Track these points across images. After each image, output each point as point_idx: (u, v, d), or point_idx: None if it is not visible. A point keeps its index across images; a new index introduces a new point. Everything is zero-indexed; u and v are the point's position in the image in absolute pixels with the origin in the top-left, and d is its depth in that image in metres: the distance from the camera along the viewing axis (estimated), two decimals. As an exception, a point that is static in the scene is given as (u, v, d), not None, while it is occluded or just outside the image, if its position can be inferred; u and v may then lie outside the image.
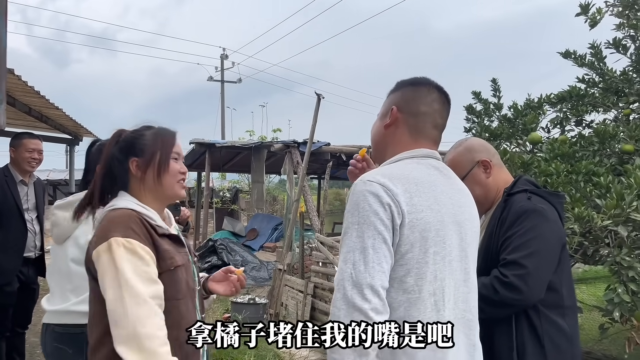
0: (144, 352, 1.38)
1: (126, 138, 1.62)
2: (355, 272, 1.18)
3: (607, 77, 4.14)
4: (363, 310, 1.15)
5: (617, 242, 2.46)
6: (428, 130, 1.43)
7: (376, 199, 1.23)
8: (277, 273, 6.07)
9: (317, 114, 6.31)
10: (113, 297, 1.40)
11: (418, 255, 1.24)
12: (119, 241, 1.42)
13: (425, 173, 1.35)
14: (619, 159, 3.46)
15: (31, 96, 5.20)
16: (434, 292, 1.26)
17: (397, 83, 1.52)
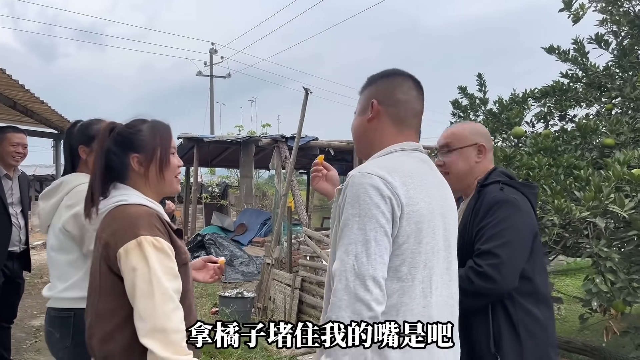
0: (170, 345, 1.47)
1: (122, 132, 1.64)
2: (358, 263, 1.22)
3: (590, 73, 4.20)
4: (365, 301, 1.20)
5: (596, 233, 2.51)
6: (409, 118, 1.47)
7: (377, 191, 1.26)
8: (265, 267, 6.08)
9: (305, 108, 6.31)
10: (143, 293, 1.47)
11: (413, 246, 1.29)
12: (148, 239, 1.49)
13: (416, 166, 1.40)
14: (600, 152, 3.52)
15: (16, 90, 5.16)
16: (422, 279, 1.32)
17: (368, 79, 1.55)
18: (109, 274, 1.54)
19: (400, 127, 1.46)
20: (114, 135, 1.64)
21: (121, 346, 1.52)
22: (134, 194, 1.62)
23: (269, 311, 5.70)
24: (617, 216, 2.46)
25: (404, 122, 1.46)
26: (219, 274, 2.06)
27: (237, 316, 5.07)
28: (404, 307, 1.29)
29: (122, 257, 1.48)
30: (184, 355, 1.50)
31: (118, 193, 1.61)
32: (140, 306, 1.47)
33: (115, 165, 1.62)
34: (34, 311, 6.07)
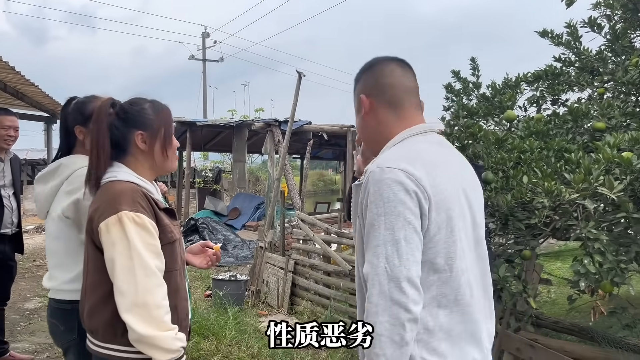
0: (151, 321, 1.48)
1: (127, 109, 1.66)
2: (390, 265, 1.17)
3: (583, 57, 4.21)
4: (402, 304, 1.16)
5: (585, 215, 2.53)
6: (403, 98, 1.42)
7: (401, 186, 1.20)
8: (258, 251, 6.11)
9: (298, 92, 6.30)
10: (123, 268, 1.48)
11: (446, 236, 1.25)
12: (128, 215, 1.49)
13: (434, 150, 1.35)
14: (591, 136, 3.54)
15: (6, 72, 5.10)
16: (465, 268, 1.29)
17: (354, 79, 1.52)
18: (93, 249, 1.56)
19: (398, 111, 1.41)
20: (117, 111, 1.65)
21: (104, 321, 1.54)
22: (124, 171, 1.63)
23: (262, 294, 5.74)
24: (606, 198, 2.49)
25: (398, 104, 1.41)
26: (215, 261, 2.06)
27: (230, 299, 5.10)
28: (444, 299, 1.26)
29: (102, 231, 1.50)
30: (166, 330, 1.51)
31: (110, 170, 1.62)
32: (120, 281, 1.48)
33: (117, 141, 1.64)
34: (27, 294, 6.08)
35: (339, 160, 16.07)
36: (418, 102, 1.45)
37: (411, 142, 1.35)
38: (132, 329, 1.47)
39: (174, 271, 1.65)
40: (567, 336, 3.26)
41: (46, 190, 1.99)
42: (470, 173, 1.45)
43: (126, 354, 1.55)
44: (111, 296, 1.51)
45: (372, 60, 1.49)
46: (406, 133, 1.37)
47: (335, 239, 5.10)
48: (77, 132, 2.04)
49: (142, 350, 1.50)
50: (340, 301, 4.73)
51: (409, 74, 1.45)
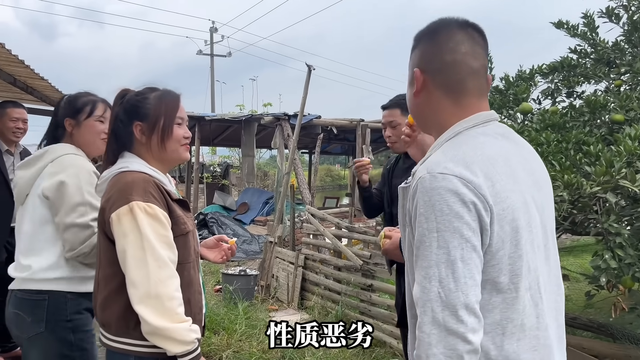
0: (164, 312, 1.44)
1: (130, 100, 1.62)
2: (445, 291, 1.01)
3: (599, 48, 4.12)
4: (459, 334, 1.00)
5: (605, 209, 2.47)
6: (465, 81, 1.17)
7: (457, 197, 1.02)
8: (268, 245, 6.08)
9: (307, 85, 6.25)
10: (135, 259, 1.45)
11: (510, 250, 1.06)
12: (140, 205, 1.46)
13: (496, 146, 1.13)
14: (609, 129, 3.47)
15: (16, 66, 5.08)
16: (529, 286, 1.09)
17: (414, 38, 1.25)
18: (105, 240, 1.53)
19: (457, 97, 1.17)
20: (124, 102, 1.62)
21: (116, 314, 1.52)
22: (136, 161, 1.60)
23: (272, 289, 5.71)
24: (627, 192, 2.42)
25: (457, 88, 1.17)
26: (230, 256, 2.02)
27: (240, 294, 5.08)
28: (511, 324, 1.07)
29: (114, 222, 1.47)
30: (180, 322, 1.48)
31: (122, 161, 1.60)
32: (132, 272, 1.45)
33: (121, 133, 1.61)
34: (37, 288, 6.10)
35: (347, 155, 16.01)
36: (483, 85, 1.20)
37: (468, 136, 1.14)
38: (145, 321, 1.44)
39: (187, 263, 1.61)
40: (584, 332, 3.20)
41: (28, 174, 1.96)
42: (539, 168, 1.24)
43: (140, 348, 1.52)
44: (124, 288, 1.48)
45: (437, 23, 1.22)
46: (462, 125, 1.16)
47: (346, 234, 5.06)
48: (67, 124, 2.03)
49: (155, 343, 1.47)
50: (351, 296, 4.69)
51: (478, 49, 1.19)
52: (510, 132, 1.22)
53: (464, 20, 1.20)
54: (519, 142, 1.22)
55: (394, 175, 2.69)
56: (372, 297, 4.44)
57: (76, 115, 2.03)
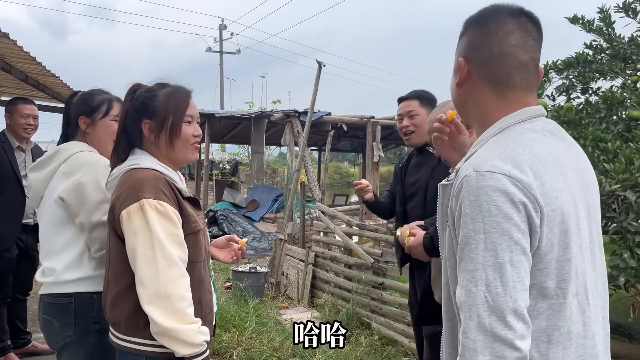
0: (174, 313, 1.41)
1: (140, 96, 1.59)
2: (492, 295, 0.96)
3: (615, 44, 4.05)
4: (507, 341, 0.95)
5: (624, 207, 2.42)
6: (512, 74, 1.11)
7: (506, 197, 0.97)
8: (277, 243, 6.07)
9: (317, 82, 6.21)
10: (144, 258, 1.42)
11: (558, 254, 1.02)
12: (151, 203, 1.43)
13: (545, 143, 1.08)
14: (626, 125, 3.41)
15: (27, 63, 5.10)
16: (577, 291, 1.05)
17: (463, 24, 1.19)
18: (115, 238, 1.51)
19: (502, 90, 1.12)
20: (134, 98, 1.59)
21: (126, 313, 1.49)
22: (147, 158, 1.57)
23: (282, 286, 5.70)
24: (647, 190, 2.37)
25: (504, 82, 1.12)
26: (240, 256, 1.99)
27: (250, 291, 5.07)
28: (557, 332, 1.02)
29: (124, 219, 1.44)
30: (189, 323, 1.45)
31: (132, 158, 1.57)
32: (141, 271, 1.42)
33: (131, 130, 1.58)
34: (49, 284, 6.13)
35: (357, 152, 15.94)
36: (532, 79, 1.14)
37: (515, 132, 1.09)
38: (154, 321, 1.41)
39: (198, 262, 1.59)
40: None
41: (41, 175, 1.92)
42: (588, 167, 1.18)
43: (149, 347, 1.50)
44: (133, 287, 1.46)
45: (488, 9, 1.15)
46: (509, 120, 1.10)
47: (356, 231, 5.02)
48: (81, 122, 1.98)
49: (164, 344, 1.45)
50: (361, 294, 4.66)
51: (529, 41, 1.12)
52: (559, 129, 1.16)
53: (518, 8, 1.13)
54: (567, 140, 1.17)
55: (407, 174, 2.65)
56: (383, 295, 4.41)
57: (92, 114, 1.98)
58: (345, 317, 4.49)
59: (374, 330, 4.29)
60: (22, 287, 3.81)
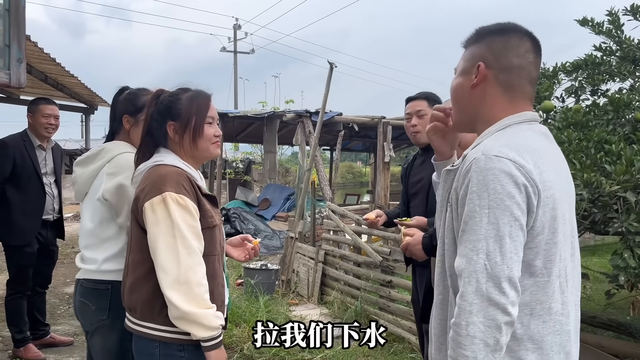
0: (193, 297, 1.52)
1: (164, 100, 1.71)
2: (491, 263, 1.08)
3: (625, 46, 4.07)
4: (501, 305, 1.07)
5: (625, 208, 2.47)
6: (524, 86, 1.27)
7: (510, 178, 1.10)
8: (288, 241, 6.16)
9: (329, 83, 6.28)
10: (166, 247, 1.53)
11: (548, 237, 1.16)
12: (172, 196, 1.55)
13: (540, 142, 1.23)
14: (633, 127, 3.44)
15: (47, 63, 5.25)
16: (559, 273, 1.19)
17: (477, 32, 1.32)
18: (137, 228, 1.62)
19: (513, 96, 1.27)
20: (158, 102, 1.71)
21: (143, 298, 1.59)
22: (171, 156, 1.70)
23: (292, 284, 5.79)
24: (649, 191, 2.41)
25: (516, 90, 1.26)
26: (253, 255, 2.09)
27: (261, 287, 5.17)
28: (539, 307, 1.16)
29: (147, 210, 1.55)
30: (207, 308, 1.55)
31: (157, 155, 1.70)
32: (162, 259, 1.52)
33: (155, 132, 1.70)
34: (67, 279, 6.29)
35: (368, 152, 15.98)
36: (533, 94, 1.32)
37: (517, 129, 1.23)
38: (174, 305, 1.50)
39: (213, 256, 1.69)
40: (604, 331, 3.19)
41: (87, 172, 2.02)
42: (568, 171, 1.33)
43: (163, 333, 1.59)
44: (151, 274, 1.56)
45: (509, 25, 1.30)
46: (511, 119, 1.25)
47: (365, 230, 5.10)
48: (125, 121, 2.07)
49: (182, 327, 1.54)
50: (370, 292, 4.74)
51: (538, 61, 1.31)
52: (549, 134, 1.31)
53: (530, 31, 1.30)
54: (555, 144, 1.32)
55: (411, 173, 2.73)
56: (391, 293, 4.48)
57: (135, 114, 2.05)
58: (353, 314, 4.57)
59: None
60: (41, 280, 3.94)
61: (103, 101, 7.78)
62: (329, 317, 4.76)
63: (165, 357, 1.60)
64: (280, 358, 3.77)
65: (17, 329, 3.74)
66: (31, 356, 3.71)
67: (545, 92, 3.96)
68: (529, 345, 1.16)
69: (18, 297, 3.74)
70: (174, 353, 1.60)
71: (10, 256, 3.74)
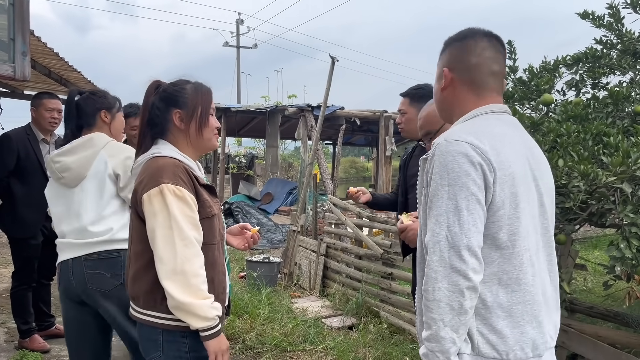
0: (189, 288, 1.55)
1: (168, 89, 1.76)
2: (451, 234, 1.20)
3: (625, 39, 4.07)
4: (462, 271, 1.19)
5: (622, 199, 2.49)
6: (486, 80, 1.41)
7: (466, 158, 1.22)
8: (291, 234, 6.20)
9: (331, 77, 6.30)
10: (163, 237, 1.56)
11: (509, 212, 1.25)
12: (169, 187, 1.58)
13: (504, 128, 1.35)
14: (632, 120, 3.45)
15: (51, 58, 5.28)
16: (528, 247, 1.28)
17: (444, 43, 1.49)
18: (137, 219, 1.66)
19: (479, 92, 1.41)
20: (160, 91, 1.75)
21: (144, 288, 1.64)
22: (169, 148, 1.72)
23: (294, 276, 5.84)
24: (645, 182, 2.43)
25: (481, 85, 1.41)
26: (252, 243, 2.14)
27: (264, 280, 5.21)
28: (505, 276, 1.26)
29: (145, 202, 1.59)
30: (203, 298, 1.57)
31: (155, 147, 1.73)
32: (160, 250, 1.56)
33: (158, 120, 1.73)
34: (70, 272, 6.34)
35: (371, 146, 16.00)
36: (500, 86, 1.43)
37: (482, 119, 1.37)
38: (170, 295, 1.55)
39: (212, 245, 1.72)
40: (602, 322, 3.22)
41: (79, 159, 2.24)
42: (541, 160, 1.43)
43: (165, 321, 1.63)
44: (151, 265, 1.60)
45: (465, 31, 1.45)
46: (479, 110, 1.38)
47: (367, 223, 5.14)
48: (103, 115, 2.39)
49: (179, 317, 1.58)
50: (371, 284, 4.78)
51: (499, 56, 1.43)
52: (518, 125, 1.43)
53: (489, 31, 1.44)
54: (525, 134, 1.43)
55: (409, 165, 2.77)
56: (392, 285, 4.52)
57: (111, 109, 2.39)
58: (355, 306, 4.61)
59: (383, 318, 4.41)
60: (46, 272, 3.99)
61: (106, 96, 7.82)
62: (330, 310, 4.80)
63: (169, 343, 1.64)
64: (281, 349, 3.82)
65: (22, 320, 3.80)
66: (37, 347, 3.77)
67: (546, 85, 3.97)
68: (499, 312, 1.26)
69: (23, 289, 3.79)
70: (177, 339, 1.64)
71: (15, 248, 3.78)
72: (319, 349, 3.79)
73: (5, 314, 4.36)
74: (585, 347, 2.74)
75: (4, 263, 5.91)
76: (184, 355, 1.64)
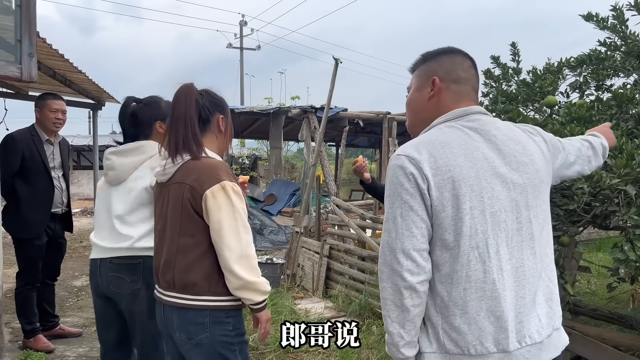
0: (253, 269, 1.80)
1: (211, 94, 1.96)
2: (390, 239, 1.34)
3: (629, 41, 4.07)
4: (398, 272, 1.31)
5: (626, 201, 2.49)
6: (469, 93, 1.52)
7: (401, 170, 1.34)
8: (294, 235, 6.21)
9: (334, 78, 6.32)
10: (230, 227, 1.77)
11: (452, 214, 1.31)
12: (229, 184, 1.80)
13: (455, 134, 1.40)
14: (636, 122, 3.45)
15: (55, 59, 5.30)
16: (476, 245, 1.32)
17: (423, 56, 1.58)
18: (188, 214, 1.80)
19: (459, 103, 1.50)
20: (206, 95, 1.93)
21: (201, 275, 1.80)
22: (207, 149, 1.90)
23: (297, 278, 5.84)
24: (649, 185, 2.43)
25: (463, 97, 1.51)
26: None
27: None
28: (456, 275, 1.32)
29: (208, 198, 1.76)
30: (262, 278, 1.83)
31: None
32: (227, 238, 1.76)
33: (209, 119, 1.92)
34: (75, 272, 6.38)
35: (374, 147, 16.02)
36: (476, 98, 1.56)
37: (436, 129, 1.45)
38: (239, 277, 1.75)
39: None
40: (606, 324, 3.21)
41: (127, 162, 2.31)
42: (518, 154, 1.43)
43: (215, 302, 1.81)
44: (207, 254, 1.79)
45: (450, 48, 1.57)
46: (438, 120, 1.47)
47: (370, 225, 5.14)
48: (158, 126, 2.40)
49: (243, 296, 1.80)
50: (374, 285, 4.78)
51: (477, 76, 1.58)
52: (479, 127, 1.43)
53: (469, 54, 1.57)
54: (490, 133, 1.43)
55: None
56: (395, 287, 4.51)
57: (165, 120, 2.39)
58: (358, 307, 4.61)
59: (386, 320, 4.40)
60: (50, 272, 4.01)
61: (111, 97, 7.84)
62: (333, 311, 4.80)
63: (215, 324, 1.81)
64: (285, 350, 3.82)
65: (27, 320, 3.81)
66: (41, 347, 3.78)
67: (549, 87, 3.97)
68: (455, 310, 1.33)
69: (28, 289, 3.81)
70: (222, 320, 1.82)
71: (19, 249, 3.80)
72: (321, 350, 3.79)
73: (10, 314, 4.37)
74: (589, 349, 2.73)
75: (9, 263, 5.94)
76: (229, 332, 1.83)
